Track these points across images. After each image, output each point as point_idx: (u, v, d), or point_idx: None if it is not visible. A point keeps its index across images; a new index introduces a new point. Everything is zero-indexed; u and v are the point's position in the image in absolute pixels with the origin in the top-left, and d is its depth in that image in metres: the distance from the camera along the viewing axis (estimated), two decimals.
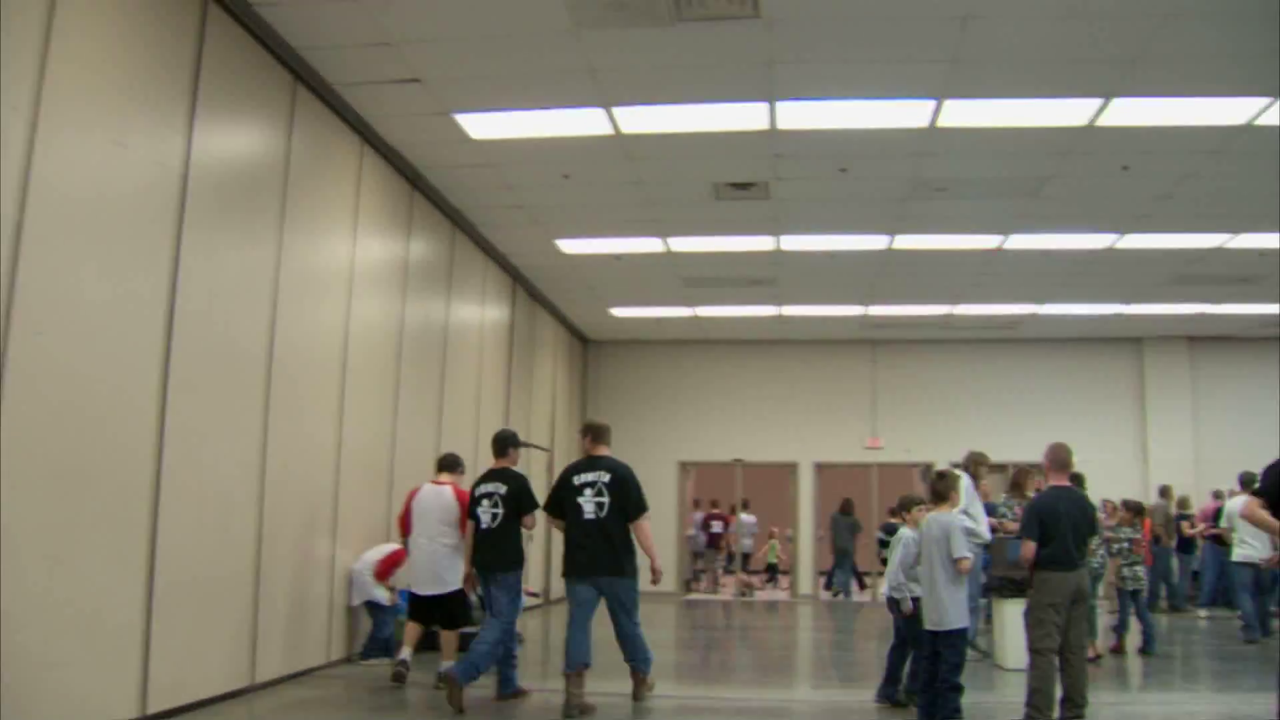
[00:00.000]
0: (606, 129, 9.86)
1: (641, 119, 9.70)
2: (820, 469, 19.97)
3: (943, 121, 9.55)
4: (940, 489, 7.53)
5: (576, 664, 7.54)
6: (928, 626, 7.32)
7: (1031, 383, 19.57)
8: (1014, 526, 10.65)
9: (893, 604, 8.01)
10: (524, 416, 15.95)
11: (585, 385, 20.40)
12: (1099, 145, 10.04)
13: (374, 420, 10.38)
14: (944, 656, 7.22)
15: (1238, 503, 12.91)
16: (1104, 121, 9.46)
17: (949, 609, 7.19)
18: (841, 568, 19.83)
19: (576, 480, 7.82)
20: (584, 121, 9.74)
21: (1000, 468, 17.75)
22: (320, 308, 9.21)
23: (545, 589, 17.23)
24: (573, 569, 7.74)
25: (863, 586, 20.70)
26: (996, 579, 10.24)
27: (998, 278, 15.13)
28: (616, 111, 9.48)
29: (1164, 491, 17.14)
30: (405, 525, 9.32)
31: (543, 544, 16.63)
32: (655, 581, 8.31)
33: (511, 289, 15.26)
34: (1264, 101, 9.09)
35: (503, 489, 8.07)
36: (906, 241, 13.28)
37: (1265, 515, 6.21)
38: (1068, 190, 11.32)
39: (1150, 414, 19.38)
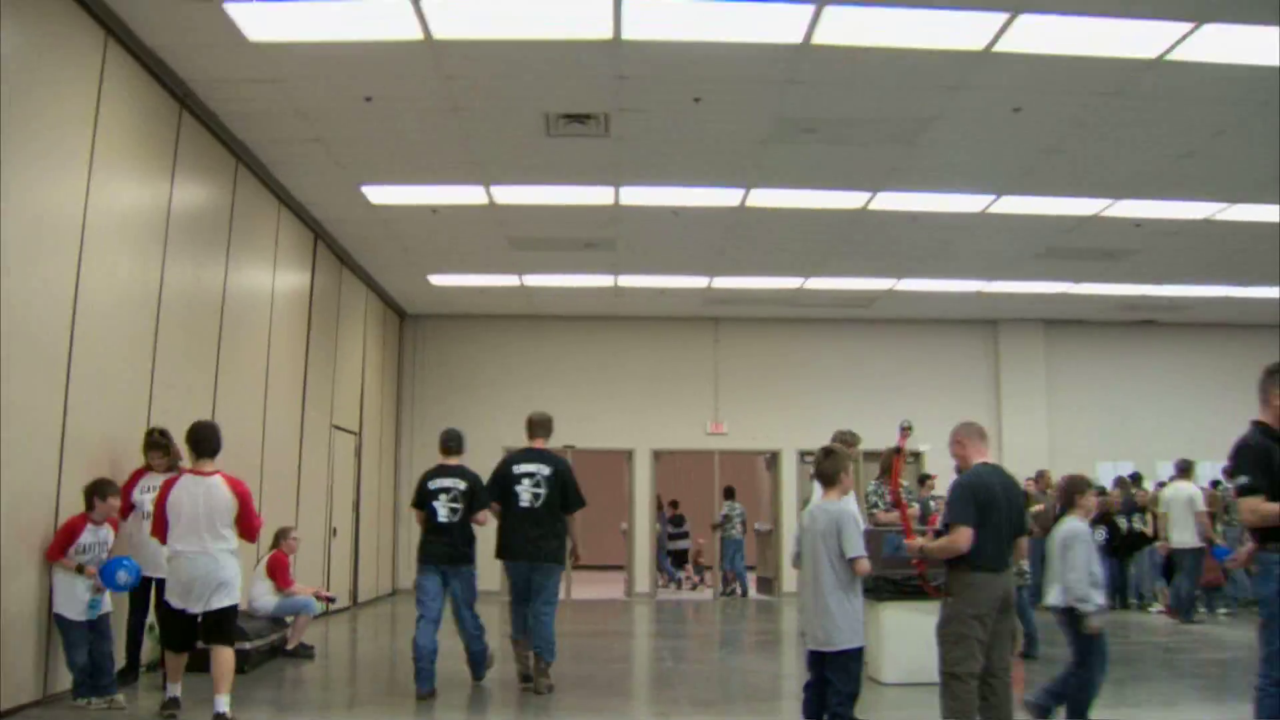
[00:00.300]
0: (415, 32, 7.95)
1: (457, 19, 7.84)
2: (659, 456, 18.36)
3: (819, 37, 7.98)
4: (828, 470, 5.96)
5: (517, 637, 8.29)
6: (811, 646, 5.77)
7: (884, 366, 18.44)
8: (887, 517, 9.38)
9: (1070, 616, 6.24)
10: (325, 397, 13.86)
11: (402, 363, 18.31)
12: (992, 79, 8.66)
13: (120, 404, 8.16)
14: (834, 684, 5.66)
15: (1180, 489, 13.61)
16: (1003, 46, 8.05)
17: (840, 623, 5.65)
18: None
19: (516, 470, 8.32)
20: (386, 18, 7.79)
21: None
22: (39, 262, 7.03)
23: (353, 590, 15.16)
24: (507, 553, 8.28)
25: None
26: (871, 579, 8.75)
27: (856, 247, 13.78)
28: (425, 6, 7.58)
29: (1121, 483, 15.68)
30: (160, 527, 6.76)
31: (351, 546, 14.59)
32: (576, 563, 9.15)
33: (312, 248, 13.12)
34: (1183, 28, 7.82)
35: (461, 484, 8.26)
36: (763, 197, 11.73)
37: (1275, 508, 4.92)
38: (949, 137, 9.95)
39: (1005, 399, 18.49)
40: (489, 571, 9.93)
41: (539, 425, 8.69)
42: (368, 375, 16.08)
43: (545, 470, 8.29)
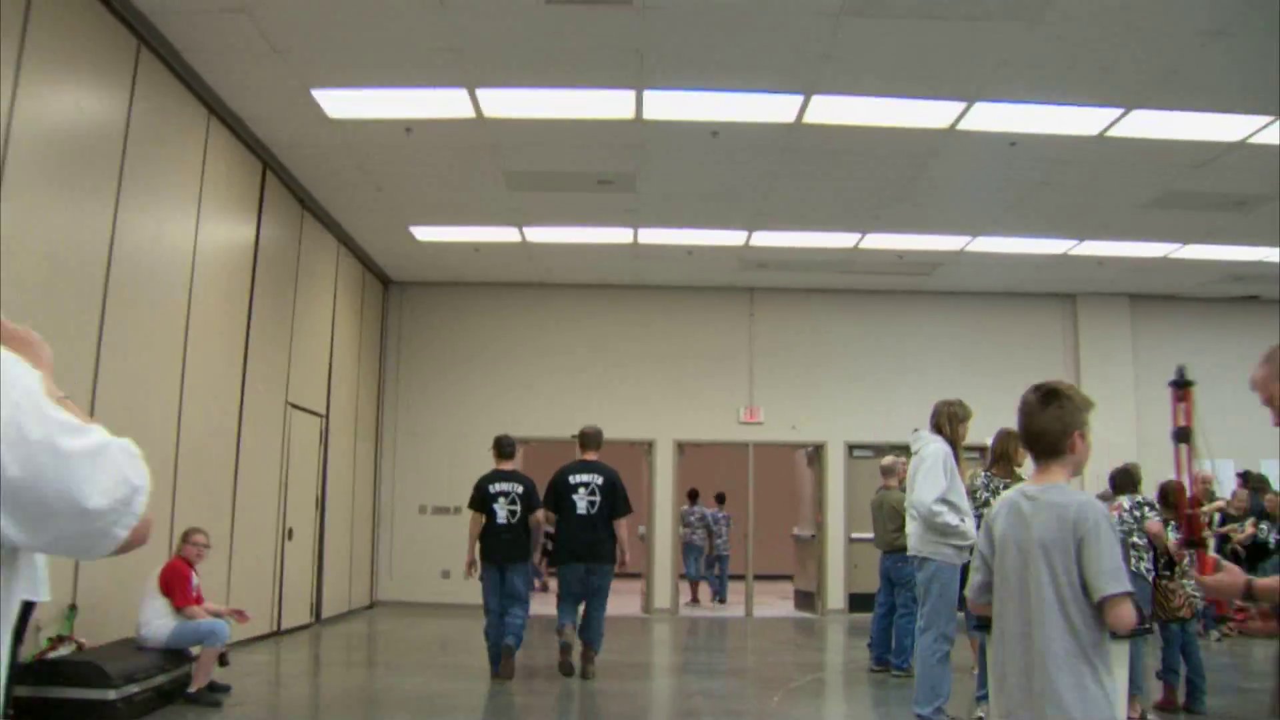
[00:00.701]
0: None
1: None
2: (683, 449, 15.78)
3: None
4: (1049, 425, 3.20)
5: (565, 624, 9.00)
6: None
7: (945, 348, 15.83)
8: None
9: None
10: (279, 370, 11.32)
11: (385, 338, 15.76)
12: None
13: None
14: None
15: None
16: None
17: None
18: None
19: (572, 480, 9.07)
20: None
21: (903, 451, 14.15)
22: None
23: (315, 604, 12.63)
24: (571, 556, 9.00)
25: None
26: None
27: (930, 189, 11.20)
28: None
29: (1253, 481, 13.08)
30: None
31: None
32: (622, 565, 9.27)
33: (259, 183, 10.58)
34: None
35: (519, 488, 9.07)
36: (826, 108, 9.13)
37: None
38: (1088, 8, 7.37)
39: (1085, 385, 15.82)
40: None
41: (590, 438, 9.37)
42: (340, 348, 13.56)
43: (599, 480, 9.10)
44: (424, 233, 13.21)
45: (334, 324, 13.27)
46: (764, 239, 13.16)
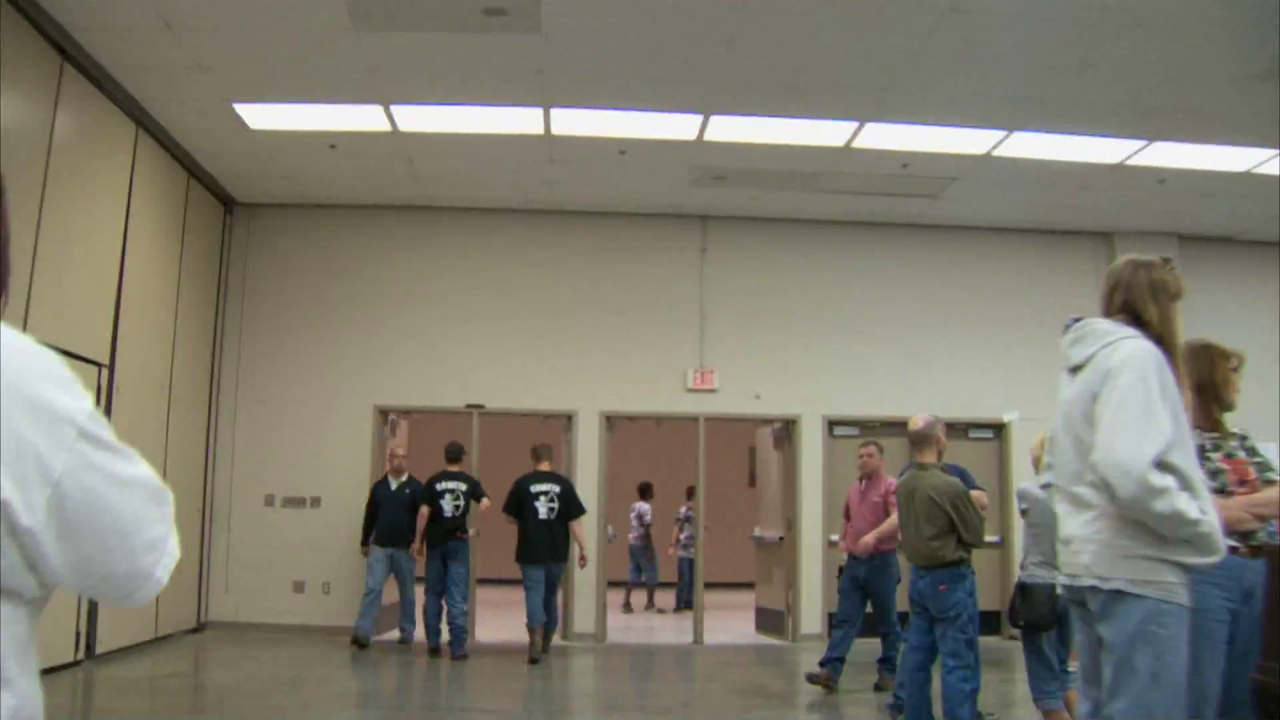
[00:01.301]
0: None
1: None
2: (613, 423, 12.16)
3: None
4: None
5: (537, 622, 9.92)
6: None
7: (949, 298, 12.43)
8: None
9: None
10: (16, 298, 7.54)
11: (225, 278, 11.96)
12: None
13: None
14: None
15: None
16: None
17: None
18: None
19: (533, 489, 10.15)
20: None
21: (892, 425, 10.83)
22: None
23: (84, 637, 8.92)
24: (535, 557, 9.96)
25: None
26: None
27: (960, 46, 7.75)
28: None
29: None
30: None
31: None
32: (583, 565, 10.57)
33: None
34: None
35: (463, 486, 10.36)
36: None
37: None
38: None
39: None
40: None
41: (544, 451, 10.47)
42: (141, 278, 9.79)
43: (556, 489, 10.24)
44: (254, 114, 9.48)
45: (126, 241, 9.47)
46: (724, 129, 9.57)
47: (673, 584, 15.41)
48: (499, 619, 11.88)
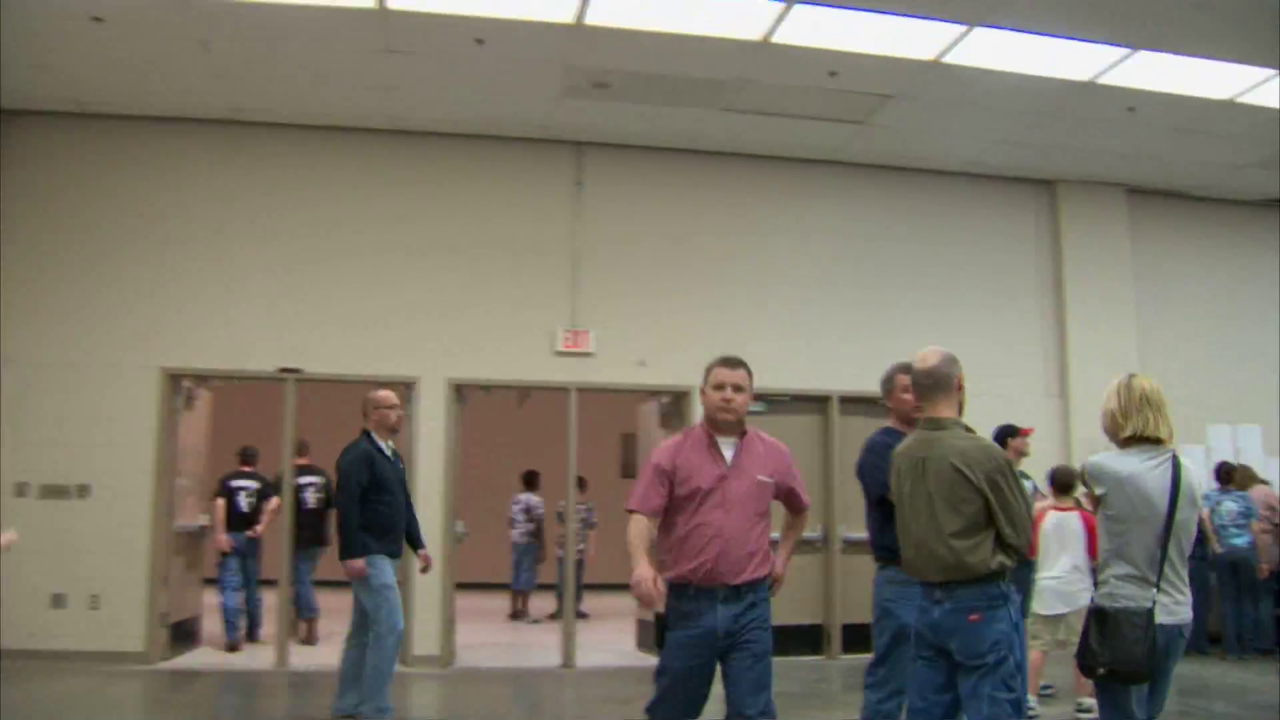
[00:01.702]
0: None
1: None
2: (463, 393, 9.85)
3: None
4: None
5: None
6: None
7: (870, 249, 10.56)
8: None
9: None
10: None
11: None
12: None
13: None
14: None
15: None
16: None
17: None
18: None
19: (301, 481, 10.02)
20: None
21: (805, 399, 9.02)
22: None
23: None
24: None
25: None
26: None
27: None
28: None
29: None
30: None
31: None
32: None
33: None
34: None
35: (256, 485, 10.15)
36: None
37: None
38: None
39: (1072, 306, 10.85)
40: None
41: (303, 445, 10.03)
42: None
43: (319, 479, 10.18)
44: None
45: None
46: (611, 7, 7.36)
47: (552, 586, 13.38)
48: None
